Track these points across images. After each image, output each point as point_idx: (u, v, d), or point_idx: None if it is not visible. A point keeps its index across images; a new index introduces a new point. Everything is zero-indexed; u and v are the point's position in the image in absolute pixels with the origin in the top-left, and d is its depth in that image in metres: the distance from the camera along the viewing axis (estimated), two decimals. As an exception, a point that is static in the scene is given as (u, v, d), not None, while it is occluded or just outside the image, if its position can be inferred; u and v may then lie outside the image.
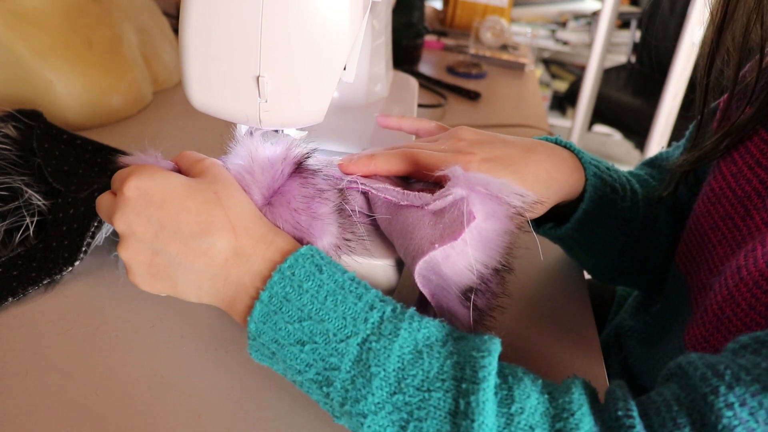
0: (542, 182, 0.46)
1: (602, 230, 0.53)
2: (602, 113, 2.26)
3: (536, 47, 2.76)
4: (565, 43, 2.75)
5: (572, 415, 0.32)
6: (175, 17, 1.11)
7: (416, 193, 0.41)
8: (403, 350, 0.34)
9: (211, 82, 0.42)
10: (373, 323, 0.35)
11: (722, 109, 0.50)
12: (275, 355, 0.36)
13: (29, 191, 0.55)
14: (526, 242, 0.48)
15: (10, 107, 0.64)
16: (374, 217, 0.44)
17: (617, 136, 2.71)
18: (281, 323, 0.35)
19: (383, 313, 0.35)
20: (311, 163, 0.42)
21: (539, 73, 2.86)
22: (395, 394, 0.33)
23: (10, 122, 0.62)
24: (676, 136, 1.82)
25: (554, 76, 2.94)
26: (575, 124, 2.17)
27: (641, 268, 0.58)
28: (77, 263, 0.51)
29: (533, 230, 0.56)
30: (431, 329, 0.36)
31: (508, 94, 1.12)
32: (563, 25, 2.78)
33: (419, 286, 0.39)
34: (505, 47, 1.31)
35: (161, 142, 0.75)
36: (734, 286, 0.42)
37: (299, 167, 0.41)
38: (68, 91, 0.72)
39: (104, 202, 0.41)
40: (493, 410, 0.32)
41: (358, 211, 0.43)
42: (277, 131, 0.45)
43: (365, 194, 0.45)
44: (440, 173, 0.40)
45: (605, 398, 0.34)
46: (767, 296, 0.39)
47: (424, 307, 0.42)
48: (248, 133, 0.43)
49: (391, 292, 0.44)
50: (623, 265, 0.57)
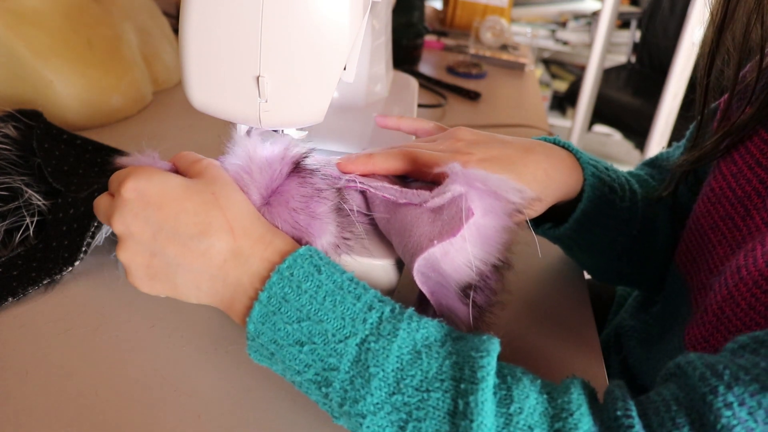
0: (540, 182, 0.46)
1: (601, 230, 0.53)
2: (602, 113, 2.26)
3: (536, 47, 2.76)
4: (565, 43, 2.75)
5: (571, 415, 0.32)
6: (175, 17, 1.11)
7: (414, 190, 0.41)
8: (401, 350, 0.34)
9: (211, 82, 0.42)
10: (371, 324, 0.35)
11: (722, 109, 0.50)
12: (274, 355, 0.36)
13: (29, 191, 0.55)
14: (525, 239, 0.48)
15: (10, 107, 0.64)
16: (373, 216, 0.44)
17: (617, 136, 2.71)
18: (280, 324, 0.35)
19: (382, 313, 0.35)
20: (309, 162, 0.42)
21: (539, 73, 2.86)
22: (394, 394, 0.33)
23: (10, 122, 0.62)
24: (676, 136, 1.82)
25: (554, 76, 2.94)
26: (575, 124, 2.17)
27: (640, 268, 0.58)
28: (77, 263, 0.51)
29: (532, 230, 0.56)
30: (430, 329, 0.36)
31: (508, 94, 1.12)
32: (563, 25, 2.78)
33: (418, 284, 0.39)
34: (505, 47, 1.31)
35: (161, 142, 0.75)
36: (734, 285, 0.42)
37: (297, 167, 0.41)
38: (68, 91, 0.72)
39: (102, 203, 0.41)
40: (491, 410, 0.32)
41: (356, 210, 0.43)
42: (277, 131, 0.45)
43: (363, 193, 0.45)
44: (439, 170, 0.40)
45: (604, 398, 0.34)
46: (767, 296, 0.39)
47: (423, 306, 0.42)
48: (247, 133, 0.43)
49: (391, 292, 0.44)
50: (622, 265, 0.57)
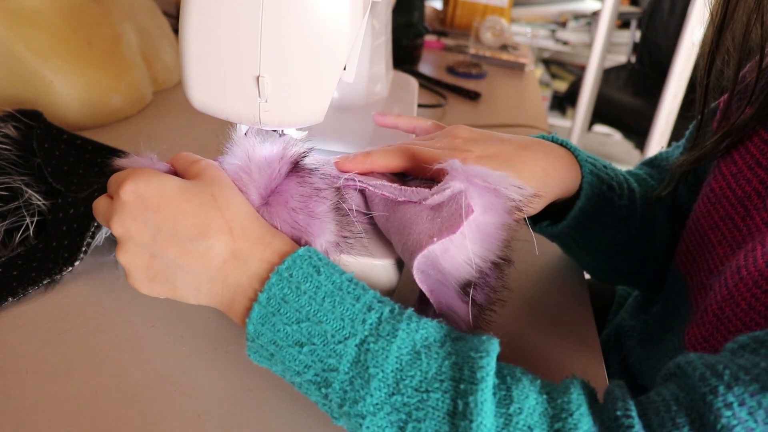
0: (538, 179, 0.46)
1: (599, 228, 0.52)
2: (602, 113, 2.26)
3: (536, 47, 2.76)
4: (565, 43, 2.75)
5: (571, 415, 0.32)
6: (175, 17, 1.11)
7: (413, 188, 0.41)
8: (401, 351, 0.34)
9: (211, 82, 0.42)
10: (371, 324, 0.35)
11: (722, 109, 0.50)
12: (274, 356, 0.36)
13: (29, 191, 0.55)
14: (524, 236, 0.48)
15: (10, 107, 0.64)
16: (372, 214, 0.44)
17: (617, 136, 2.71)
18: (279, 325, 0.35)
19: (381, 314, 0.35)
20: (308, 162, 0.42)
21: (539, 73, 2.86)
22: (394, 395, 0.33)
23: (10, 122, 0.62)
24: (676, 136, 1.82)
25: (554, 76, 2.94)
26: (575, 124, 2.17)
27: (640, 267, 0.58)
28: (77, 263, 0.51)
29: (530, 228, 0.56)
30: (429, 330, 0.36)
31: (508, 94, 1.12)
32: (563, 25, 2.78)
33: (418, 282, 0.39)
34: (505, 47, 1.31)
35: (161, 142, 0.75)
36: (734, 286, 0.42)
37: (296, 166, 0.41)
38: (68, 91, 0.72)
39: (101, 205, 0.41)
40: (491, 411, 0.32)
41: (355, 209, 0.43)
42: (276, 131, 0.45)
43: (362, 192, 0.45)
44: (439, 166, 0.40)
45: (604, 398, 0.34)
46: (767, 296, 0.39)
47: (423, 307, 0.42)
48: (245, 133, 0.43)
49: (391, 292, 0.44)
50: (621, 264, 0.57)
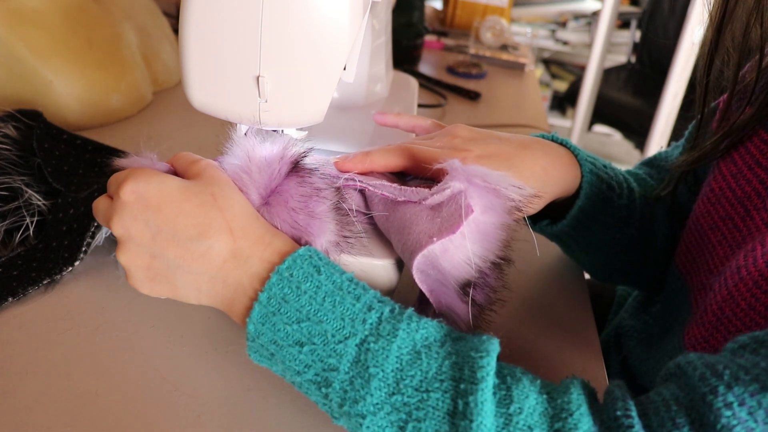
0: (538, 178, 0.46)
1: (599, 227, 0.52)
2: (602, 113, 2.27)
3: (536, 47, 2.76)
4: (565, 43, 2.75)
5: (571, 415, 0.32)
6: (175, 17, 1.11)
7: (413, 188, 0.41)
8: (401, 351, 0.34)
9: (211, 82, 0.42)
10: (371, 324, 0.35)
11: (722, 109, 0.50)
12: (274, 356, 0.36)
13: (29, 191, 0.55)
14: (524, 236, 0.48)
15: (10, 107, 0.64)
16: (372, 214, 0.44)
17: (617, 136, 2.71)
18: (280, 324, 0.35)
19: (381, 313, 0.35)
20: (308, 162, 0.42)
21: (539, 73, 2.86)
22: (394, 394, 0.33)
23: (10, 122, 0.62)
24: (676, 136, 1.82)
25: (554, 76, 2.94)
26: (575, 124, 2.17)
27: (639, 267, 0.58)
28: (77, 263, 0.51)
29: (530, 227, 0.55)
30: (429, 330, 0.36)
31: (508, 94, 1.12)
32: (563, 25, 2.78)
33: (417, 282, 0.39)
34: (505, 47, 1.31)
35: (161, 142, 0.75)
36: (734, 286, 0.42)
37: (296, 166, 0.41)
38: (68, 91, 0.72)
39: (101, 206, 0.41)
40: (491, 410, 0.32)
41: (355, 209, 0.43)
42: (276, 131, 0.45)
43: (362, 192, 0.45)
44: (438, 166, 0.40)
45: (604, 398, 0.34)
46: (767, 296, 0.39)
47: (423, 307, 0.42)
48: (245, 133, 0.43)
49: (391, 292, 0.44)
50: (621, 263, 0.57)
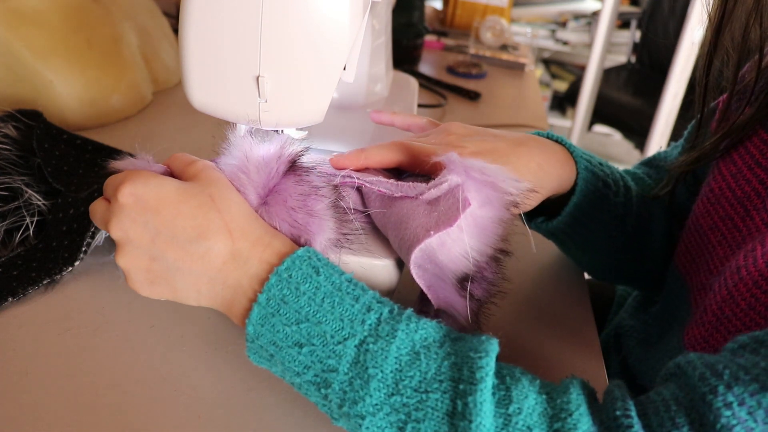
0: (534, 174, 0.46)
1: (595, 225, 0.52)
2: (602, 113, 2.26)
3: (536, 47, 2.76)
4: (565, 43, 2.75)
5: (570, 415, 0.32)
6: (175, 17, 1.11)
7: (410, 183, 0.41)
8: (400, 351, 0.34)
9: (211, 82, 0.42)
10: (370, 325, 0.35)
11: (721, 109, 0.50)
12: (273, 357, 0.36)
13: (29, 191, 0.55)
14: (522, 230, 0.48)
15: (10, 107, 0.64)
16: (369, 212, 0.44)
17: (617, 136, 2.71)
18: (279, 325, 0.35)
19: (380, 314, 0.35)
20: (305, 160, 0.42)
21: (539, 73, 2.86)
22: (393, 395, 0.33)
23: (10, 122, 0.62)
24: (676, 136, 1.82)
25: (554, 76, 2.94)
26: (575, 124, 2.17)
27: (636, 265, 0.58)
28: (77, 263, 0.51)
29: (526, 224, 0.55)
30: (429, 330, 0.36)
31: (508, 94, 1.12)
32: (563, 25, 2.78)
33: (415, 277, 0.39)
34: (505, 47, 1.31)
35: (161, 142, 0.75)
36: (734, 286, 0.42)
37: (293, 165, 0.41)
38: (68, 91, 0.72)
39: (98, 209, 0.41)
40: (490, 411, 0.32)
41: (353, 207, 0.43)
42: (276, 131, 0.45)
43: (359, 190, 0.45)
44: (436, 159, 0.40)
45: (603, 398, 0.34)
46: (767, 296, 0.39)
47: (424, 307, 0.42)
48: (243, 133, 0.42)
49: (390, 292, 0.44)
50: (617, 262, 0.57)
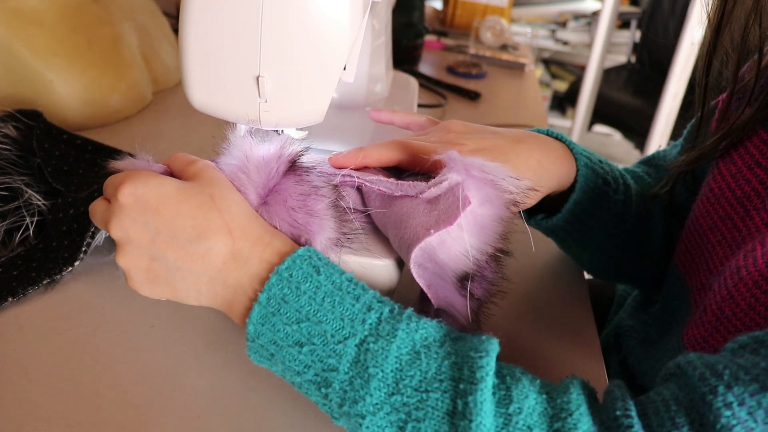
0: (533, 171, 0.46)
1: (594, 222, 0.52)
2: (602, 113, 2.27)
3: (536, 47, 2.76)
4: (565, 43, 2.75)
5: (570, 415, 0.32)
6: (175, 17, 1.11)
7: (410, 182, 0.41)
8: (400, 351, 0.34)
9: (211, 82, 0.42)
10: (370, 324, 0.35)
11: (721, 109, 0.50)
12: (274, 356, 0.36)
13: (29, 191, 0.55)
14: (523, 229, 0.48)
15: (10, 107, 0.64)
16: (369, 211, 0.44)
17: (617, 136, 2.71)
18: (279, 325, 0.35)
19: (381, 314, 0.35)
20: (305, 160, 0.42)
21: (539, 73, 2.86)
22: (393, 394, 0.33)
23: (10, 122, 0.62)
24: (675, 136, 1.82)
25: (554, 76, 2.94)
26: (575, 124, 2.17)
27: (635, 264, 0.58)
28: (77, 263, 0.51)
29: (525, 222, 0.55)
30: (429, 330, 0.36)
31: (508, 94, 1.12)
32: (563, 25, 2.78)
33: (415, 276, 0.39)
34: (505, 47, 1.31)
35: (161, 142, 0.76)
36: (733, 286, 0.42)
37: (293, 165, 0.41)
38: (68, 91, 0.72)
39: (98, 209, 0.41)
40: (491, 410, 0.32)
41: (353, 207, 0.43)
42: (276, 131, 0.45)
43: (359, 190, 0.45)
44: (437, 157, 0.40)
45: (603, 398, 0.34)
46: (767, 296, 0.39)
47: (424, 306, 0.42)
48: (243, 133, 0.42)
49: (391, 291, 0.44)
50: (616, 260, 0.57)
